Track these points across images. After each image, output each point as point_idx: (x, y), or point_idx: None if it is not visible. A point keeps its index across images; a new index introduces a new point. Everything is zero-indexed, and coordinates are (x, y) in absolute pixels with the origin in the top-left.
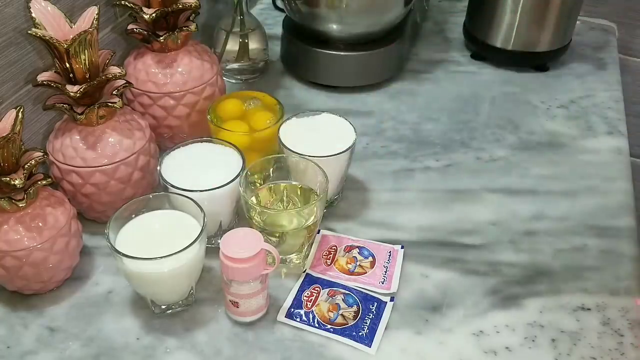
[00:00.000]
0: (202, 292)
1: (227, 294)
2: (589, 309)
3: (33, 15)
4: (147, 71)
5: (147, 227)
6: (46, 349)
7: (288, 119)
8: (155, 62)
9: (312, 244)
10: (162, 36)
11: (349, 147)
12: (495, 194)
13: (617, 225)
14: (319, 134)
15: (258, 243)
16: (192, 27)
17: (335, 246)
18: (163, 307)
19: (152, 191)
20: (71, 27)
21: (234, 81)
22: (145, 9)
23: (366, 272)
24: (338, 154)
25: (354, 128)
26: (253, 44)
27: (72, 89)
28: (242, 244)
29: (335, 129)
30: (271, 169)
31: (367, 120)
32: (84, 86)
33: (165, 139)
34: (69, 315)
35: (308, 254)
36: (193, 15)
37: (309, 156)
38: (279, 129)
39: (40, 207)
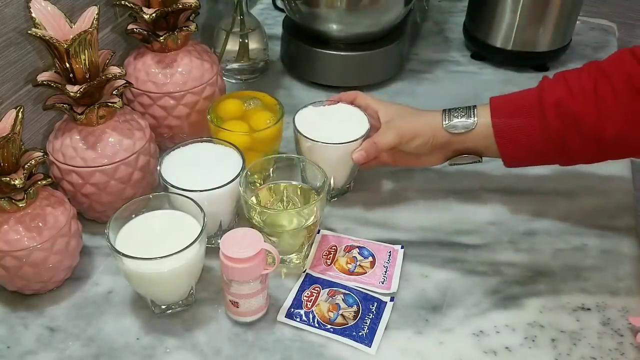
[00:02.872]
0: (202, 292)
1: (227, 294)
2: (589, 309)
3: (33, 15)
4: (147, 71)
5: (147, 227)
6: (46, 349)
7: (304, 107)
8: (155, 62)
9: (312, 244)
10: (162, 36)
11: (363, 135)
12: (495, 194)
13: (617, 225)
14: (333, 122)
15: (258, 243)
16: (192, 27)
17: (335, 246)
18: (163, 307)
19: (152, 191)
20: (71, 27)
21: (234, 81)
22: (145, 9)
23: (366, 272)
24: (352, 141)
25: (367, 117)
26: (253, 44)
27: (72, 89)
28: (242, 244)
29: (349, 117)
30: (271, 169)
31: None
32: (84, 86)
33: (165, 139)
34: (69, 315)
35: (308, 254)
36: (193, 15)
37: (324, 143)
38: (294, 116)
39: (40, 207)
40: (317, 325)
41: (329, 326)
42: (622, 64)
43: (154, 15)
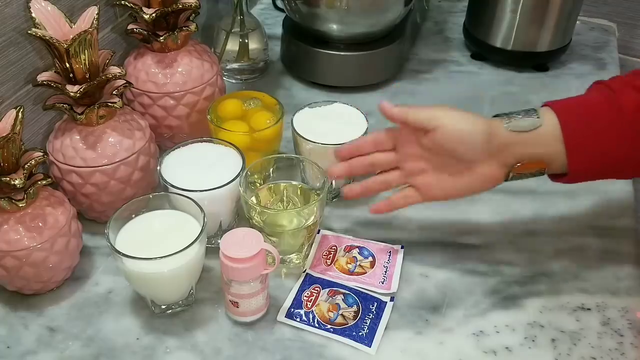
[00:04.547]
0: (202, 292)
1: (227, 294)
2: (589, 309)
3: (33, 15)
4: (147, 71)
5: (147, 227)
6: (46, 349)
7: (301, 109)
8: (155, 62)
9: (312, 244)
10: (162, 36)
11: (362, 135)
12: (495, 194)
13: (617, 225)
14: (331, 122)
15: (258, 243)
16: (192, 27)
17: (335, 246)
18: (163, 307)
19: (152, 191)
20: (71, 27)
21: (234, 81)
22: (145, 9)
23: (366, 272)
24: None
25: (365, 116)
26: (253, 44)
27: (72, 89)
28: (242, 244)
29: (347, 117)
30: (271, 169)
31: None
32: (84, 86)
33: (165, 139)
34: (69, 315)
35: (308, 254)
36: (193, 15)
37: (324, 144)
38: (292, 119)
39: (40, 207)
40: (317, 325)
41: (329, 326)
42: None
43: (154, 15)
